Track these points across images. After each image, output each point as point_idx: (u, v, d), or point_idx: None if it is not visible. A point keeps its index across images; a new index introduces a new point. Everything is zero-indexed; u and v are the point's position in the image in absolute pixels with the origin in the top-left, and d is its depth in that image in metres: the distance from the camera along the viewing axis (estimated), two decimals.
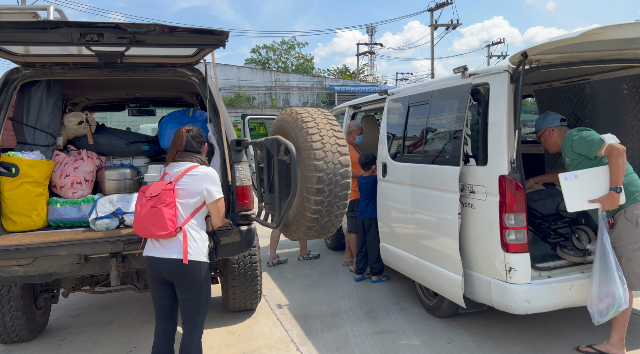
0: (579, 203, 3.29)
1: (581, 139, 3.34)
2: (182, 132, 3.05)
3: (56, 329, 4.39)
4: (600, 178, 3.25)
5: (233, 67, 33.34)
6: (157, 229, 2.74)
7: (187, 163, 2.97)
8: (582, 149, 3.36)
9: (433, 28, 33.45)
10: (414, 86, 4.83)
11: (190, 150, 3.05)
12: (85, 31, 3.00)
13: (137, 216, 2.81)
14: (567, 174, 3.29)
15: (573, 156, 3.44)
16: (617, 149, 3.18)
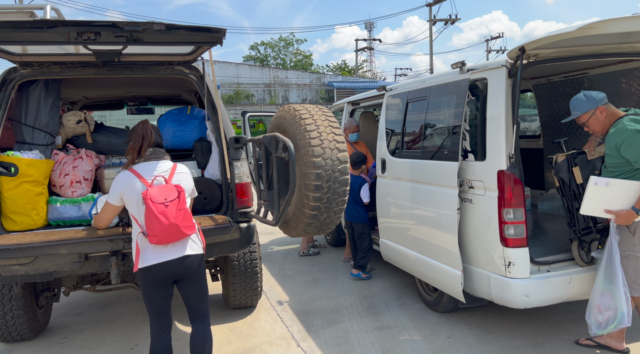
0: (595, 209, 3.16)
1: (637, 143, 2.99)
2: (149, 126, 2.99)
3: (58, 328, 4.40)
4: (628, 193, 3.07)
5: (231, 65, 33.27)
6: (189, 230, 2.82)
7: (166, 161, 2.96)
8: (632, 155, 3.04)
9: (431, 23, 33.37)
10: (412, 82, 4.83)
11: (159, 145, 3.03)
12: (82, 30, 3.00)
13: (165, 223, 2.69)
14: (598, 179, 3.09)
15: (615, 158, 3.14)
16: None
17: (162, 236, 2.71)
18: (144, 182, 2.81)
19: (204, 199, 3.97)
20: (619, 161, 3.10)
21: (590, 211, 3.17)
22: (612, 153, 3.11)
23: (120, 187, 2.86)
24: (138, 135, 2.94)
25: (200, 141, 4.25)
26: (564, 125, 5.19)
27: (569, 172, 3.47)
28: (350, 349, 3.74)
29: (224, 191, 3.91)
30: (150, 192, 2.74)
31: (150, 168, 2.89)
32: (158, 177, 2.87)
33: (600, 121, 3.22)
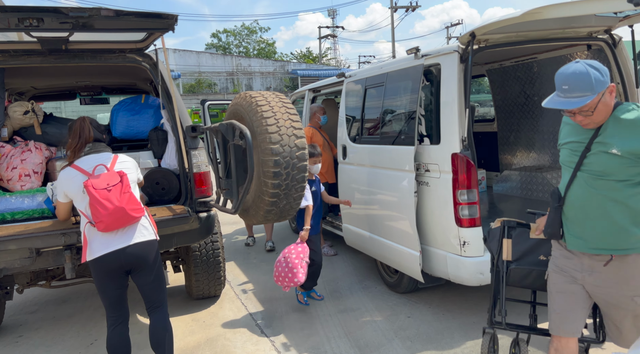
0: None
1: None
2: (87, 123, 2.99)
3: (12, 327, 4.26)
4: None
5: (192, 53, 32.52)
6: (136, 212, 2.77)
7: (107, 153, 2.96)
8: None
9: (393, 10, 33.58)
10: (370, 68, 4.88)
11: (100, 140, 3.03)
12: (23, 16, 2.87)
13: (110, 207, 2.65)
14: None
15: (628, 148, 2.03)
16: None
17: (108, 221, 2.67)
18: (85, 174, 2.82)
19: (161, 190, 3.90)
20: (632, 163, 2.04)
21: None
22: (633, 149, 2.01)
23: (63, 184, 2.89)
24: (75, 133, 2.93)
25: (155, 130, 4.16)
26: (516, 109, 5.37)
27: (499, 242, 2.76)
28: (314, 332, 3.79)
29: (182, 180, 3.86)
30: (91, 180, 2.73)
31: (91, 161, 2.89)
32: (99, 166, 2.86)
33: (607, 106, 2.08)
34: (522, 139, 5.31)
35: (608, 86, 2.05)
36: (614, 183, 2.07)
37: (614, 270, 2.15)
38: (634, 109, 2.09)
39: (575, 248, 2.23)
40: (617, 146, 2.04)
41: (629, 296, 2.15)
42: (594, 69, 2.03)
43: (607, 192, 2.09)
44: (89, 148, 2.93)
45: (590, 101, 2.01)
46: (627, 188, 2.06)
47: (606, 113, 2.09)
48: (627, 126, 2.06)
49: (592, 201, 2.12)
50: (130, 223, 2.78)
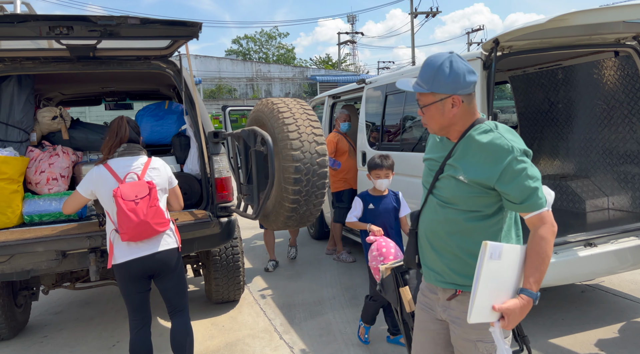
0: (484, 310, 1.63)
1: (521, 173, 1.65)
2: (124, 122, 2.98)
3: (37, 327, 4.36)
4: (516, 266, 1.68)
5: (213, 59, 32.95)
6: (161, 226, 2.80)
7: (140, 157, 2.95)
8: (506, 187, 1.67)
9: (413, 16, 33.50)
10: (391, 75, 4.87)
11: (134, 141, 3.02)
12: (53, 24, 2.95)
13: (135, 220, 2.68)
14: (493, 247, 1.60)
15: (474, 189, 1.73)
16: (554, 229, 1.70)
17: (132, 234, 2.70)
18: (117, 179, 2.83)
19: (183, 194, 3.95)
20: (476, 193, 1.73)
21: (481, 317, 1.63)
22: (475, 177, 1.71)
23: (91, 182, 2.88)
24: (113, 132, 2.95)
25: (178, 136, 4.22)
26: (540, 116, 5.29)
27: (395, 292, 2.29)
28: (332, 340, 3.78)
29: (204, 185, 3.90)
30: (121, 189, 2.74)
31: (124, 164, 2.89)
32: (131, 173, 2.86)
33: (444, 117, 1.76)
34: (545, 146, 5.23)
35: (451, 96, 1.71)
36: (459, 213, 1.76)
37: (462, 307, 1.80)
38: (491, 130, 1.73)
39: (427, 280, 1.95)
40: (464, 172, 1.73)
41: (473, 340, 1.80)
42: (452, 70, 1.70)
43: (451, 223, 1.78)
44: (124, 148, 2.92)
45: (421, 92, 1.75)
46: (472, 221, 1.75)
47: (441, 123, 1.77)
48: (476, 149, 1.72)
49: (438, 230, 1.83)
50: (154, 236, 2.81)
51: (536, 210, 1.66)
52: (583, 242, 3.61)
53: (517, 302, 1.63)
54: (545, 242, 1.65)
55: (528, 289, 1.64)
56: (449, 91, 1.72)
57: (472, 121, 1.78)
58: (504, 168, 1.65)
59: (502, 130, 1.73)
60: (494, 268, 1.60)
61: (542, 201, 1.67)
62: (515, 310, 1.62)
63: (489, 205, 1.74)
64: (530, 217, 1.68)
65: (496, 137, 1.70)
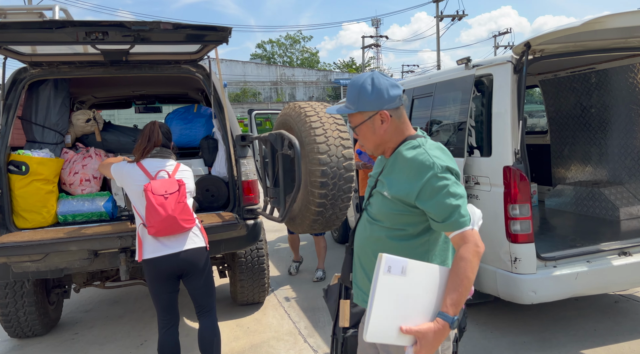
0: (386, 328, 1.49)
1: (441, 190, 1.59)
2: (156, 127, 3.08)
3: (69, 324, 4.47)
4: (434, 286, 1.56)
5: (238, 63, 33.37)
6: (187, 223, 2.86)
7: (170, 160, 3.06)
8: (426, 204, 1.62)
9: (438, 19, 33.21)
10: (418, 78, 4.84)
11: (166, 146, 3.12)
12: (90, 30, 3.04)
13: (163, 214, 2.76)
14: (393, 260, 1.49)
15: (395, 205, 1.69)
16: (479, 249, 1.58)
17: (159, 227, 2.77)
18: (148, 175, 2.92)
19: (211, 197, 4.01)
20: (399, 210, 1.69)
21: (378, 336, 1.50)
22: (397, 194, 1.68)
23: (124, 176, 2.96)
24: (145, 136, 3.05)
25: (206, 139, 4.28)
26: (571, 121, 5.17)
27: (336, 304, 2.11)
28: None
29: (231, 188, 3.95)
30: (152, 184, 2.84)
31: (156, 164, 2.99)
32: (162, 171, 2.96)
33: (376, 135, 1.75)
34: (577, 152, 5.11)
35: (378, 112, 1.69)
36: (384, 230, 1.72)
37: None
38: (418, 146, 1.69)
39: (355, 300, 1.87)
40: (389, 188, 1.71)
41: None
42: (374, 86, 1.69)
43: (377, 241, 1.73)
44: (156, 151, 3.03)
45: (350, 113, 1.74)
46: (396, 240, 1.69)
47: (375, 142, 1.76)
48: (401, 165, 1.70)
49: (366, 247, 1.78)
50: (180, 232, 2.86)
51: (458, 229, 1.58)
52: (617, 251, 3.52)
53: (431, 326, 1.50)
54: (465, 263, 1.54)
55: (444, 312, 1.51)
56: (375, 108, 1.70)
57: (405, 137, 1.75)
58: (423, 185, 1.60)
59: (429, 146, 1.69)
60: (395, 284, 1.48)
61: (465, 219, 1.58)
62: (428, 334, 1.49)
63: (413, 224, 1.68)
64: (453, 237, 1.61)
65: (419, 153, 1.66)
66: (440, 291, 1.55)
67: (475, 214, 1.65)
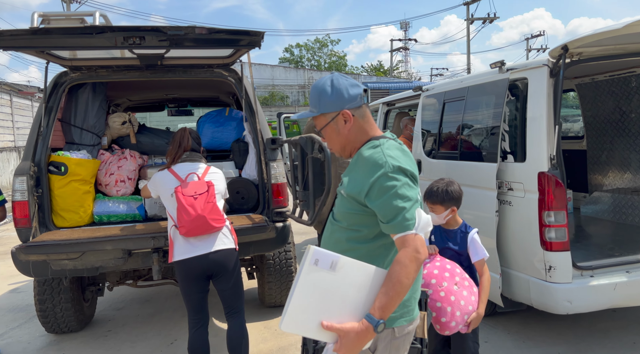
0: (305, 321, 1.47)
1: (389, 190, 1.56)
2: (187, 133, 3.20)
3: (102, 321, 4.59)
4: (366, 286, 1.53)
5: (267, 67, 33.69)
6: (217, 222, 2.91)
7: (201, 163, 3.15)
8: (373, 203, 1.59)
9: (469, 22, 32.76)
10: (449, 82, 4.78)
11: (196, 150, 3.22)
12: (128, 35, 3.12)
13: (193, 214, 2.82)
14: (320, 253, 1.47)
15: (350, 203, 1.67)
16: (418, 255, 1.52)
17: (190, 227, 2.83)
18: (178, 179, 3.02)
19: (241, 199, 4.05)
20: (354, 209, 1.67)
21: (293, 327, 1.47)
22: (351, 191, 1.66)
23: (157, 185, 3.11)
24: (176, 142, 3.17)
25: (237, 142, 4.34)
26: (609, 126, 5.01)
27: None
28: None
29: (261, 190, 3.98)
30: (182, 186, 2.94)
31: (186, 168, 3.09)
32: (192, 174, 3.05)
33: (341, 135, 1.74)
34: (615, 158, 4.93)
35: (340, 112, 1.70)
36: (342, 231, 1.71)
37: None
38: (378, 145, 1.66)
39: None
40: (345, 185, 1.70)
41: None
42: (333, 87, 1.70)
43: (337, 242, 1.72)
44: (186, 156, 3.14)
45: (315, 116, 1.75)
46: (353, 242, 1.67)
47: (341, 143, 1.75)
48: (359, 163, 1.68)
49: (328, 249, 1.68)
50: (210, 232, 2.91)
51: (401, 232, 1.54)
52: None
53: (354, 326, 1.47)
54: (400, 267, 1.49)
55: (371, 314, 1.48)
56: (336, 108, 1.70)
57: (369, 137, 1.74)
58: (372, 183, 1.57)
59: (387, 146, 1.65)
60: (322, 278, 1.46)
61: (410, 223, 1.53)
62: (350, 334, 1.45)
63: (368, 225, 1.64)
64: (396, 239, 1.56)
65: (376, 152, 1.63)
66: (374, 293, 1.52)
67: (422, 219, 1.58)
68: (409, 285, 1.50)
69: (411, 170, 1.61)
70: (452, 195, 2.76)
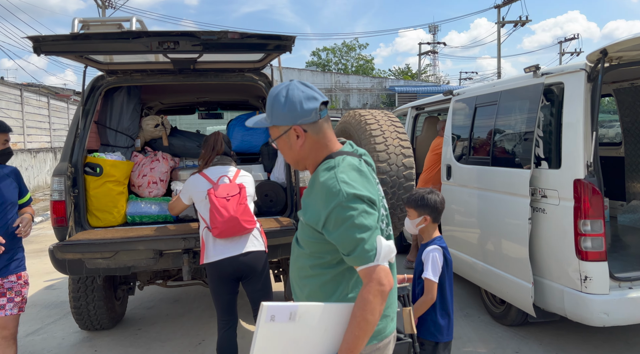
0: None
1: (345, 222, 1.45)
2: (220, 137, 3.27)
3: (132, 320, 4.69)
4: (333, 326, 1.48)
5: (294, 70, 33.89)
6: (248, 224, 2.96)
7: (231, 167, 3.21)
8: (331, 236, 1.50)
9: (500, 25, 32.21)
10: (481, 86, 4.71)
11: (228, 154, 3.28)
12: (163, 40, 3.19)
13: (226, 215, 2.87)
14: (275, 309, 1.39)
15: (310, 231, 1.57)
16: (382, 287, 1.44)
17: (223, 228, 2.88)
18: (210, 182, 3.08)
19: (269, 202, 4.07)
20: (314, 237, 1.57)
21: None
22: (309, 221, 1.56)
23: (188, 189, 3.17)
24: (209, 145, 3.25)
25: (266, 145, 4.37)
26: None
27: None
28: None
29: (289, 194, 4.00)
30: (214, 188, 3.00)
31: (217, 171, 3.15)
32: (223, 177, 3.11)
33: (292, 150, 1.62)
34: None
35: (291, 127, 1.56)
36: (305, 257, 1.60)
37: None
38: (333, 167, 1.52)
39: None
40: (304, 212, 1.58)
41: None
42: (287, 99, 1.55)
43: (301, 268, 1.63)
44: (217, 160, 3.21)
45: (268, 126, 1.62)
46: (317, 268, 1.57)
47: (293, 158, 1.63)
48: (315, 188, 1.54)
49: (294, 274, 1.67)
50: (241, 233, 2.95)
51: (362, 264, 1.45)
52: None
53: None
54: (365, 304, 1.41)
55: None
56: (288, 122, 1.56)
57: (326, 153, 1.59)
58: (328, 214, 1.46)
59: (342, 168, 1.51)
60: (282, 330, 1.40)
61: (370, 254, 1.44)
62: None
63: (329, 252, 1.54)
64: (359, 271, 1.47)
65: (330, 177, 1.49)
66: (342, 329, 1.46)
67: (383, 247, 1.47)
68: (375, 320, 1.43)
69: (367, 194, 1.48)
70: (427, 202, 2.64)
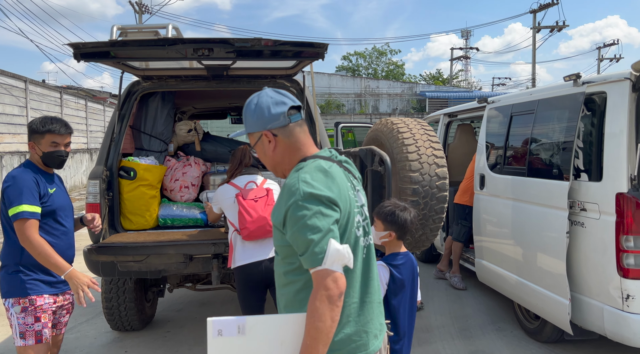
0: None
1: (298, 221, 1.44)
2: (247, 151, 3.36)
3: (161, 322, 4.75)
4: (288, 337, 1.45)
5: (324, 75, 33.98)
6: None
7: (258, 176, 3.28)
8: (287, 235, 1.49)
9: (535, 31, 31.47)
10: (517, 94, 4.58)
11: (255, 166, 3.38)
12: (197, 47, 3.23)
13: (255, 216, 2.95)
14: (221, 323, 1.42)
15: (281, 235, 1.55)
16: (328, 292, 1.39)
17: (252, 228, 2.93)
18: (237, 188, 3.16)
19: None
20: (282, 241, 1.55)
21: None
22: (275, 221, 1.56)
23: (219, 199, 3.24)
24: (237, 159, 3.33)
25: None
26: None
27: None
28: None
29: None
30: (242, 192, 3.08)
31: (244, 179, 3.24)
32: (250, 182, 3.19)
33: (267, 156, 1.65)
34: None
35: (262, 133, 1.59)
36: (279, 264, 1.59)
37: None
38: (300, 169, 1.52)
39: None
40: (273, 214, 1.56)
41: None
42: (257, 105, 1.60)
43: (278, 275, 1.62)
44: (245, 171, 3.30)
45: (244, 135, 1.69)
46: (290, 275, 1.54)
47: (270, 163, 1.65)
48: (282, 189, 1.53)
49: (276, 282, 1.66)
50: (269, 235, 2.94)
51: (311, 266, 1.41)
52: None
53: None
54: (313, 311, 1.37)
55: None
56: (258, 128, 1.61)
57: (300, 157, 1.60)
58: (285, 212, 1.45)
59: (307, 169, 1.50)
60: (234, 345, 1.38)
61: (319, 257, 1.39)
62: None
63: (298, 256, 1.49)
64: (311, 274, 1.43)
65: (292, 177, 1.50)
66: (299, 340, 1.42)
67: (331, 251, 1.40)
68: (328, 327, 1.37)
69: (327, 195, 1.44)
70: (396, 219, 2.52)
